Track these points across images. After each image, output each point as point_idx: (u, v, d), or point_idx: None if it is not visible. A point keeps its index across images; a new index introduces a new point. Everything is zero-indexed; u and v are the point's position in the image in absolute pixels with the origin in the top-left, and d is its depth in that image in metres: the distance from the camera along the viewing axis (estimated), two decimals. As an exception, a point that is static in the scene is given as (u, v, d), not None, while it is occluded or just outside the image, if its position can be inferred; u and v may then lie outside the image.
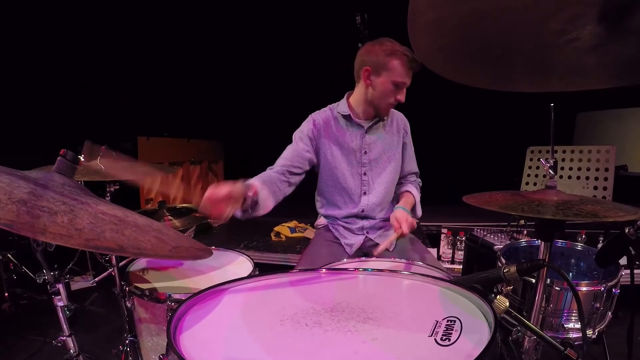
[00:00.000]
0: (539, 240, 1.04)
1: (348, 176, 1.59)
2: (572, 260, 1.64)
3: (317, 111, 1.63)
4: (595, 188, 2.27)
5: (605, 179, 2.25)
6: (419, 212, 1.63)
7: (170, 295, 1.13)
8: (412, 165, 1.72)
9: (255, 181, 1.34)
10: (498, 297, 0.71)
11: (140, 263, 1.41)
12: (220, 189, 1.10)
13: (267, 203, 1.35)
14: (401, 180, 1.71)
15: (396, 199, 1.69)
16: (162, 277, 1.31)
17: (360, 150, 1.58)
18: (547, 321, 1.35)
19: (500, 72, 0.71)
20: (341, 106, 1.60)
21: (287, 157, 1.54)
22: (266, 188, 1.36)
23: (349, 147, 1.57)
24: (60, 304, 0.97)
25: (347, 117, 1.58)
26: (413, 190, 1.66)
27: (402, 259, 1.30)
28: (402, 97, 1.49)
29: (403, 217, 1.42)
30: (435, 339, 0.63)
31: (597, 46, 0.59)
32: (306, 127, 1.58)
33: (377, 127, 1.60)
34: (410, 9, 0.58)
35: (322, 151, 1.58)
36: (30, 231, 0.52)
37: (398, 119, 1.66)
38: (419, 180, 1.76)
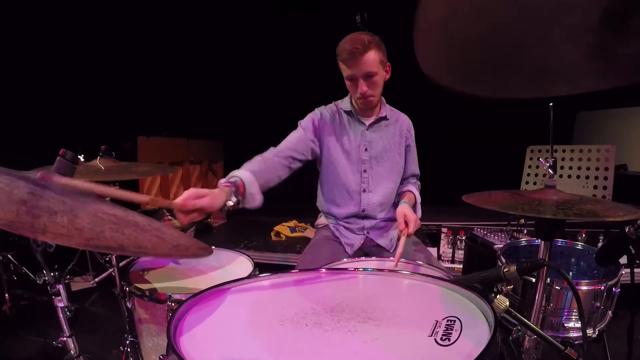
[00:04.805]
0: (539, 240, 1.04)
1: (348, 172, 1.59)
2: (572, 260, 1.64)
3: (323, 106, 1.64)
4: (595, 187, 2.26)
5: (605, 178, 2.24)
6: (419, 213, 1.62)
7: (170, 295, 1.13)
8: (414, 167, 1.73)
9: (245, 175, 1.24)
10: (498, 296, 0.71)
11: (141, 263, 1.41)
12: (197, 201, 0.99)
13: (255, 198, 1.26)
14: (402, 181, 1.71)
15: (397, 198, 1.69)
16: (162, 277, 1.31)
17: (361, 147, 1.58)
18: (547, 320, 1.35)
19: (506, 81, 0.71)
20: (344, 103, 1.61)
21: (292, 141, 1.51)
22: (256, 183, 1.27)
23: (350, 143, 1.58)
24: (60, 304, 0.96)
25: (349, 114, 1.59)
26: (414, 190, 1.66)
27: (403, 258, 1.30)
28: (361, 88, 1.44)
29: (412, 217, 1.39)
30: (435, 339, 0.63)
31: (601, 48, 0.59)
32: (312, 116, 1.59)
33: (379, 126, 1.60)
34: (418, 27, 0.58)
35: (324, 145, 1.59)
36: (30, 231, 0.52)
37: (403, 120, 1.66)
38: (419, 183, 1.76)
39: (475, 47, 0.62)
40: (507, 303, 0.71)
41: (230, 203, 1.15)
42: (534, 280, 1.14)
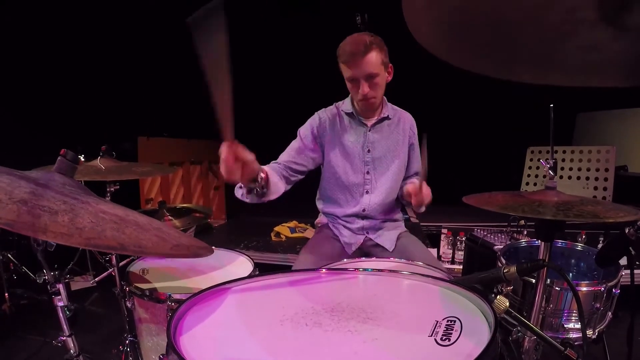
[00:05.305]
0: (539, 241, 1.04)
1: (351, 174, 1.59)
2: (572, 261, 1.64)
3: (323, 109, 1.63)
4: (596, 188, 2.27)
5: (606, 179, 2.25)
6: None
7: (170, 295, 1.13)
8: (418, 165, 1.70)
9: (264, 167, 1.32)
10: (498, 297, 0.71)
11: (141, 263, 1.41)
12: (245, 153, 1.00)
13: (278, 187, 1.33)
14: (406, 179, 1.69)
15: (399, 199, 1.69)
16: (162, 277, 1.31)
17: (364, 149, 1.58)
18: (547, 321, 1.34)
19: (502, 60, 0.71)
20: (345, 104, 1.60)
21: (291, 153, 1.53)
22: (275, 174, 1.35)
23: (353, 145, 1.57)
24: (60, 304, 0.96)
25: (350, 115, 1.59)
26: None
27: (402, 258, 1.30)
28: (362, 90, 1.43)
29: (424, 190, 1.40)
30: (435, 339, 0.63)
31: (598, 43, 0.59)
32: (311, 123, 1.58)
33: (381, 126, 1.60)
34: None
35: (326, 148, 1.58)
36: (31, 230, 0.52)
37: (405, 119, 1.65)
38: None
39: (463, 20, 0.62)
40: (507, 303, 0.71)
41: (262, 175, 1.20)
42: (534, 281, 1.14)
